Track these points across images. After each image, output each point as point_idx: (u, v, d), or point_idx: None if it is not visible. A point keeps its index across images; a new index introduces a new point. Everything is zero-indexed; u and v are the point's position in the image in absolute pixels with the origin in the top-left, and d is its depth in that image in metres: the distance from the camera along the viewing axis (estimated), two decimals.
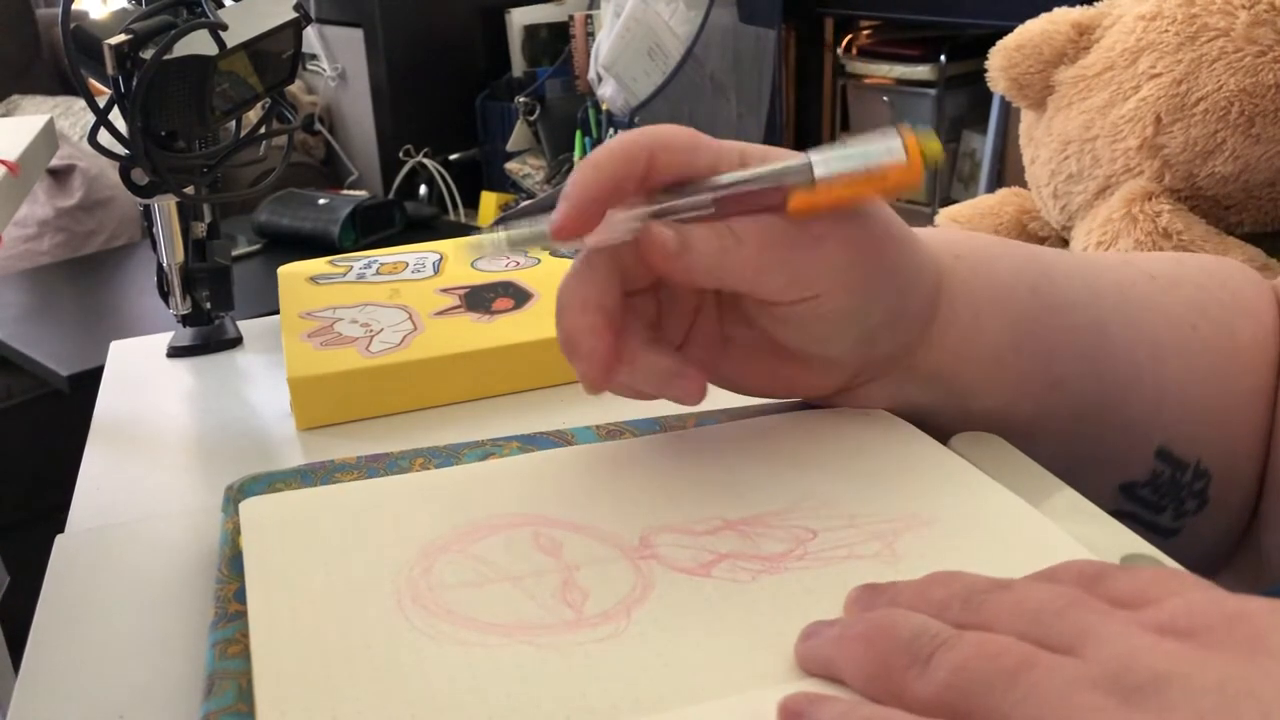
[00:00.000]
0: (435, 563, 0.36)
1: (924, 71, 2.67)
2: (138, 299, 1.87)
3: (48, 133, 1.12)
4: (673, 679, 0.30)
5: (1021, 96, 1.10)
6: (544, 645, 0.32)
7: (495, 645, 0.32)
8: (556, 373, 0.57)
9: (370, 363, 0.55)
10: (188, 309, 0.68)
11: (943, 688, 0.25)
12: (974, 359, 0.42)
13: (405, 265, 0.68)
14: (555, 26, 2.88)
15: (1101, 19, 1.06)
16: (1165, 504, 0.46)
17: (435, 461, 0.45)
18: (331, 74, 2.90)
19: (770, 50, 2.70)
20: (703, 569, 0.35)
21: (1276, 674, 0.23)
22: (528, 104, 2.75)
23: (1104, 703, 0.23)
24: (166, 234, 0.67)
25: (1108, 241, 0.97)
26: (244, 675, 0.33)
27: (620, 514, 0.38)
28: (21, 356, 1.65)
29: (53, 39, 2.64)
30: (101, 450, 0.55)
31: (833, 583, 0.34)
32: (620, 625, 0.33)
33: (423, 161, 2.84)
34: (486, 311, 0.61)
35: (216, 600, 0.37)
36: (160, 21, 0.58)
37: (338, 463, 0.45)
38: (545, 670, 0.31)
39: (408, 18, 2.78)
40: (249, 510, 0.40)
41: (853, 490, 0.39)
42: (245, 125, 0.66)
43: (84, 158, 2.12)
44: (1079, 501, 0.39)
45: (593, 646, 0.32)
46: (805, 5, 2.79)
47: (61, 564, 0.44)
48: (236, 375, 0.65)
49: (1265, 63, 0.94)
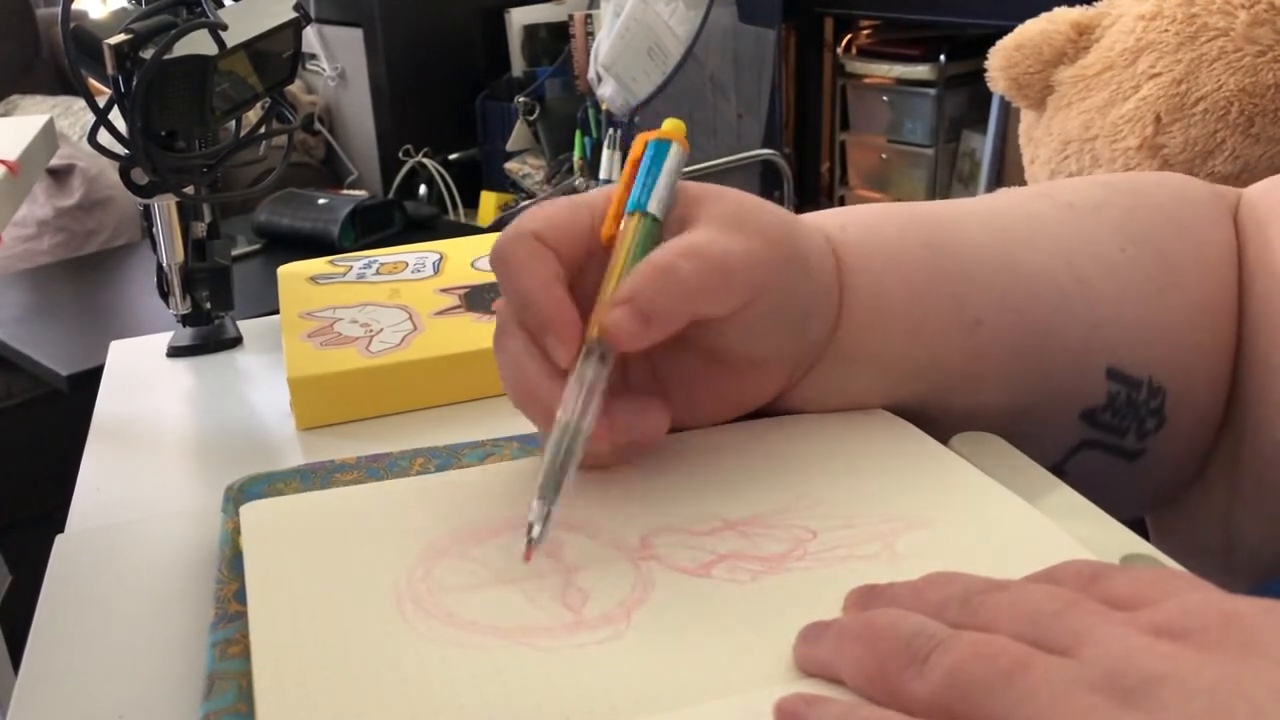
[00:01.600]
0: (435, 566, 0.36)
1: (924, 71, 2.67)
2: (138, 299, 1.87)
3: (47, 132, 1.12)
4: (673, 680, 0.30)
5: (1021, 96, 1.10)
6: (544, 648, 0.32)
7: (495, 648, 0.32)
8: None
9: (370, 363, 0.55)
10: (188, 309, 0.68)
11: (939, 688, 0.25)
12: (887, 323, 0.42)
13: (405, 265, 0.68)
14: (555, 26, 2.88)
15: (1101, 19, 1.06)
16: (1127, 425, 0.46)
17: (435, 462, 0.45)
18: (331, 74, 2.90)
19: (770, 50, 2.70)
20: (702, 569, 0.35)
21: (1268, 675, 0.23)
22: (527, 104, 2.75)
23: (1099, 703, 0.23)
24: (166, 234, 0.67)
25: None
26: (244, 676, 0.33)
27: (620, 515, 0.38)
28: (21, 356, 1.65)
29: (52, 39, 2.64)
30: (101, 450, 0.55)
31: (833, 583, 0.34)
32: (620, 627, 0.33)
33: (422, 161, 2.84)
34: (486, 311, 0.61)
35: (216, 601, 0.37)
36: (160, 21, 0.58)
37: (338, 463, 0.45)
38: (545, 673, 0.31)
39: (408, 18, 2.78)
40: (249, 514, 0.40)
41: (852, 490, 0.39)
42: (245, 125, 0.66)
43: (84, 157, 2.12)
44: (1078, 501, 0.39)
45: (593, 649, 0.32)
46: (805, 5, 2.79)
47: (61, 564, 0.44)
48: (236, 375, 0.65)
49: (1265, 62, 0.94)
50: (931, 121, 2.70)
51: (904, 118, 2.77)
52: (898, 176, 2.85)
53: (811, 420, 0.44)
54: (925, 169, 2.75)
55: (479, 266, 0.67)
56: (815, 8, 2.82)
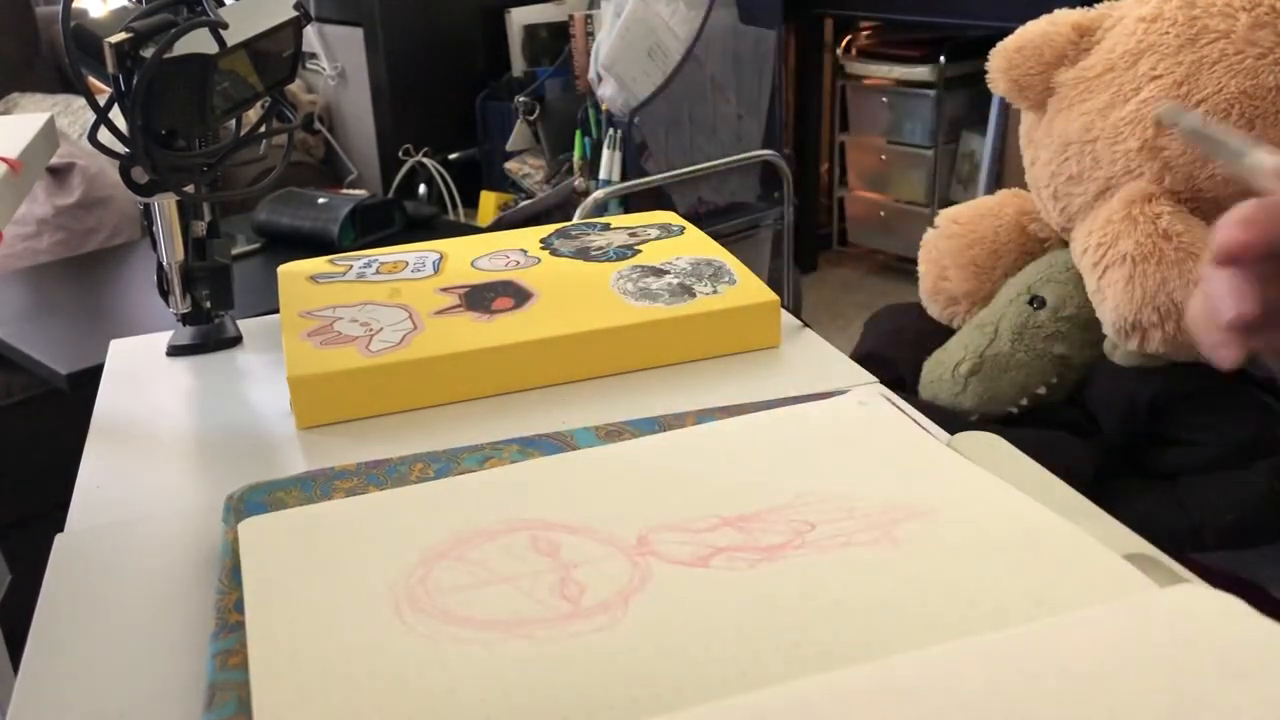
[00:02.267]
0: (433, 569, 0.36)
1: (923, 72, 2.67)
2: (138, 298, 1.87)
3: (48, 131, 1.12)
4: (671, 671, 0.30)
5: (1021, 98, 1.10)
6: (541, 639, 0.32)
7: (493, 641, 0.32)
8: (556, 372, 0.57)
9: (370, 362, 0.55)
10: (188, 308, 0.68)
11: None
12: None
13: (405, 264, 0.68)
14: (555, 26, 2.88)
15: (1102, 21, 1.06)
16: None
17: (435, 466, 0.45)
18: (331, 73, 2.89)
19: (770, 51, 2.70)
20: (700, 561, 0.35)
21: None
22: (527, 104, 2.75)
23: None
24: (166, 233, 0.67)
25: (1108, 243, 0.97)
26: (244, 686, 0.33)
27: (618, 515, 0.38)
28: (21, 355, 1.65)
29: (53, 37, 2.63)
30: (101, 449, 0.55)
31: (832, 567, 0.34)
32: (617, 615, 0.33)
33: (422, 161, 2.84)
34: (486, 311, 0.61)
35: (217, 611, 0.37)
36: (160, 20, 0.58)
37: (338, 469, 0.45)
38: (543, 665, 0.31)
39: (408, 17, 2.78)
40: (247, 531, 0.40)
41: (850, 483, 0.39)
42: (245, 124, 0.66)
43: (84, 156, 2.12)
44: (1078, 500, 0.39)
45: (591, 637, 0.32)
46: (805, 6, 2.79)
47: (61, 563, 0.44)
48: (236, 374, 0.65)
49: (1266, 65, 0.94)
50: (931, 123, 2.70)
51: (904, 119, 2.77)
52: (897, 178, 2.85)
53: (809, 414, 0.44)
54: (924, 170, 2.75)
55: (479, 266, 0.67)
56: (815, 9, 2.82)
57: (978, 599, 0.34)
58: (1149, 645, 0.31)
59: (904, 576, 0.35)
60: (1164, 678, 0.30)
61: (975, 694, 0.29)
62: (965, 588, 0.34)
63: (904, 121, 2.77)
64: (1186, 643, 0.31)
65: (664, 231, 0.73)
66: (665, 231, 0.73)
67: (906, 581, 0.35)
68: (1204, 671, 0.30)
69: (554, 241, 0.72)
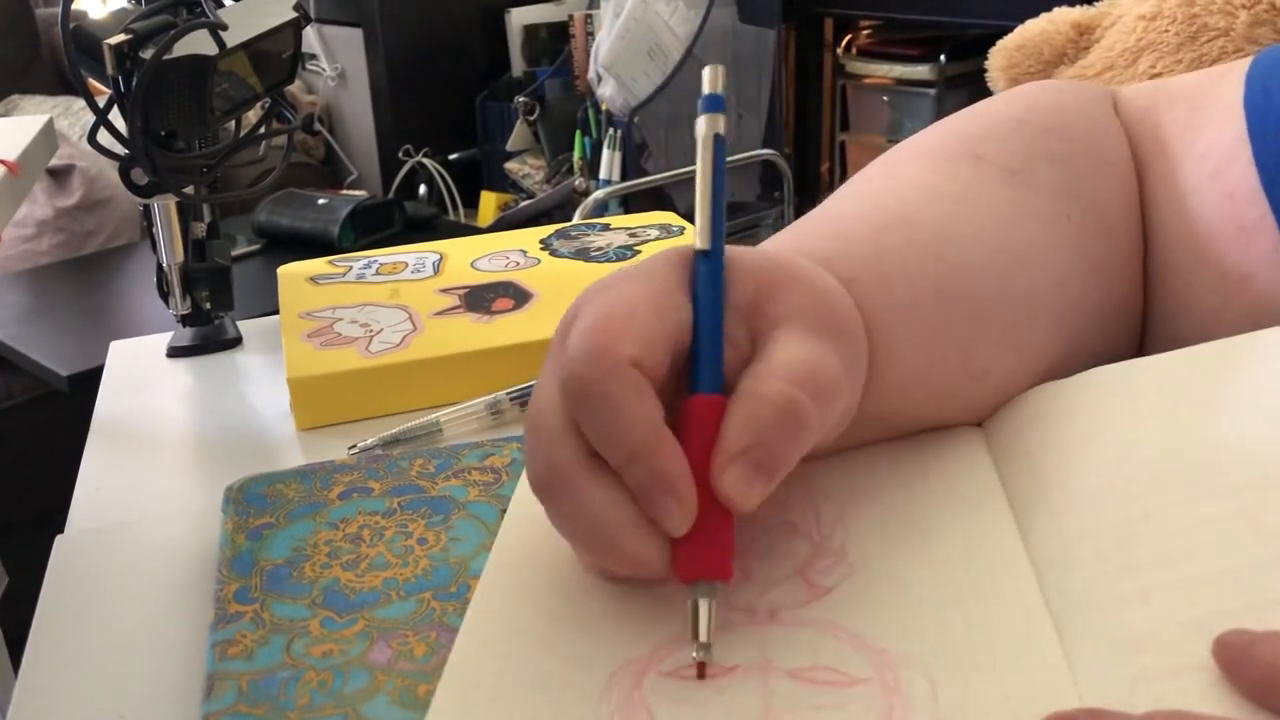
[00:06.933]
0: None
1: (924, 71, 2.67)
2: (137, 299, 1.87)
3: (47, 132, 1.12)
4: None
5: None
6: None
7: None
8: None
9: (370, 363, 0.55)
10: (187, 309, 0.68)
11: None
12: (904, 386, 0.38)
13: (405, 265, 0.68)
14: (555, 26, 2.88)
15: (1101, 19, 1.06)
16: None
17: (435, 462, 0.45)
18: (331, 74, 2.90)
19: (770, 50, 2.70)
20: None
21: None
22: (527, 104, 2.75)
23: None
24: (166, 234, 0.67)
25: None
26: (244, 676, 0.33)
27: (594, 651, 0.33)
28: (21, 357, 1.65)
29: (52, 39, 2.64)
30: (101, 450, 0.55)
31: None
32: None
33: (422, 161, 2.84)
34: (486, 311, 0.61)
35: (216, 601, 0.37)
36: (160, 21, 0.58)
37: (338, 463, 0.45)
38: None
39: (408, 18, 2.78)
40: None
41: None
42: (245, 125, 0.66)
43: (83, 157, 2.12)
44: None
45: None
46: (805, 5, 2.79)
47: (61, 564, 0.44)
48: (236, 375, 0.65)
49: None
50: (931, 121, 2.70)
51: (904, 118, 2.77)
52: None
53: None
54: None
55: (479, 267, 0.67)
56: (815, 8, 2.82)
57: None
58: None
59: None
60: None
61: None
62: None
63: (904, 120, 2.77)
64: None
65: (664, 231, 0.73)
66: (665, 231, 0.73)
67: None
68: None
69: (554, 242, 0.72)
